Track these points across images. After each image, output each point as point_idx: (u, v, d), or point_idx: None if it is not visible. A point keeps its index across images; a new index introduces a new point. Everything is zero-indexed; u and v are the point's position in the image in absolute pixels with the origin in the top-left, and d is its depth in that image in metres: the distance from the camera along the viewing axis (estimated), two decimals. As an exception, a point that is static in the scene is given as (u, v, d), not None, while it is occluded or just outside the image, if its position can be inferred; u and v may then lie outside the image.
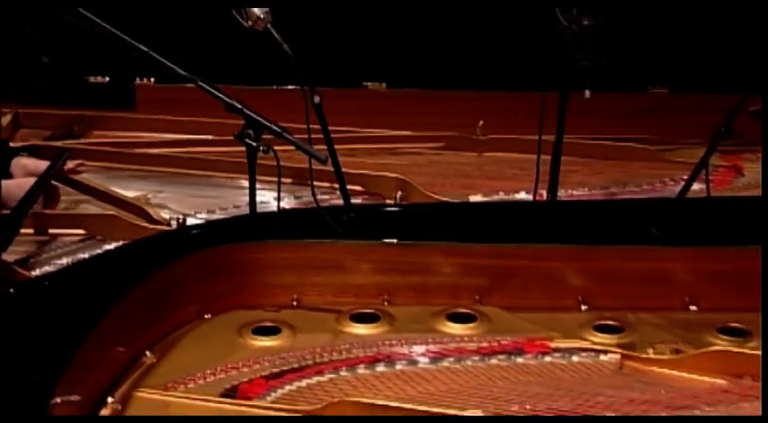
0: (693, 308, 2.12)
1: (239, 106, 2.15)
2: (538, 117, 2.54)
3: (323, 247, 2.16)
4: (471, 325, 2.07)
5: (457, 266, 2.16)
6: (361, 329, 2.05)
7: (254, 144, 2.15)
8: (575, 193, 2.68)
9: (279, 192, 2.23)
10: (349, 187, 2.60)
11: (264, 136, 2.21)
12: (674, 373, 1.92)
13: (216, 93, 2.18)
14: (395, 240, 2.16)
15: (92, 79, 3.00)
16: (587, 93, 2.20)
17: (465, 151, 2.92)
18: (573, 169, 2.80)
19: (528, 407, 1.79)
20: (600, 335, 2.05)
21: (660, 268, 2.16)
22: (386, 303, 2.14)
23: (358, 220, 2.27)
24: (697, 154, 2.78)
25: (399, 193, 2.64)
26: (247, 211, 2.24)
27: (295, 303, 2.14)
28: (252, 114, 2.17)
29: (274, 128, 2.16)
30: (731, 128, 2.34)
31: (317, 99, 2.30)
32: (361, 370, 1.91)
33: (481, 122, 2.94)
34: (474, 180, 2.77)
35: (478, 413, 1.76)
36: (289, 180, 2.63)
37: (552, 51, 2.32)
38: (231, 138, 2.24)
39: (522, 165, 2.74)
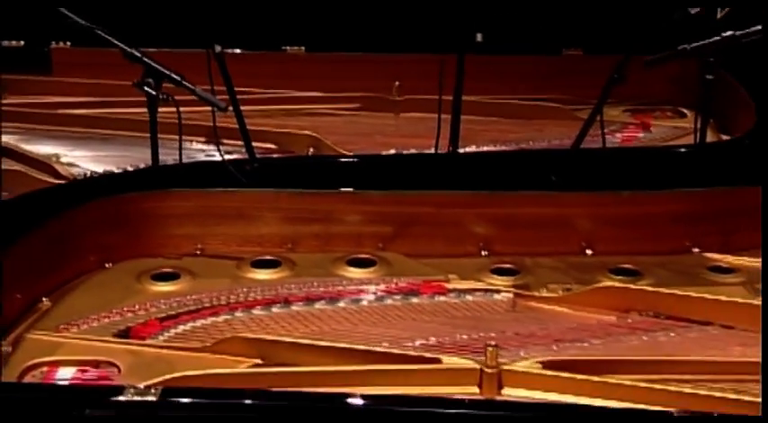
0: (589, 252, 2.16)
1: (138, 55, 2.18)
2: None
3: (225, 195, 2.18)
4: (371, 269, 2.11)
5: (360, 214, 2.19)
6: (261, 275, 2.08)
7: (154, 93, 2.21)
8: (485, 148, 2.72)
9: (180, 141, 2.25)
10: (262, 145, 2.68)
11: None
12: (565, 310, 1.96)
13: (115, 41, 2.21)
14: (298, 189, 2.23)
15: (6, 43, 2.99)
16: (479, 36, 2.24)
17: (382, 112, 2.94)
18: (486, 128, 2.85)
19: (419, 342, 1.80)
20: (496, 277, 2.09)
21: (558, 214, 2.20)
22: (290, 252, 2.18)
23: (262, 172, 2.33)
24: (609, 113, 2.86)
25: (311, 149, 2.68)
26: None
27: (198, 253, 2.16)
28: (151, 63, 2.21)
29: (174, 76, 2.20)
30: (624, 75, 2.39)
31: (217, 49, 2.33)
32: (256, 311, 1.94)
33: (397, 83, 2.99)
34: (389, 138, 2.79)
35: (379, 349, 1.78)
36: (202, 139, 2.65)
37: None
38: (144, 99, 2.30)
39: (431, 123, 2.77)
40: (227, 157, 2.42)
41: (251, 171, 2.27)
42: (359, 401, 1.52)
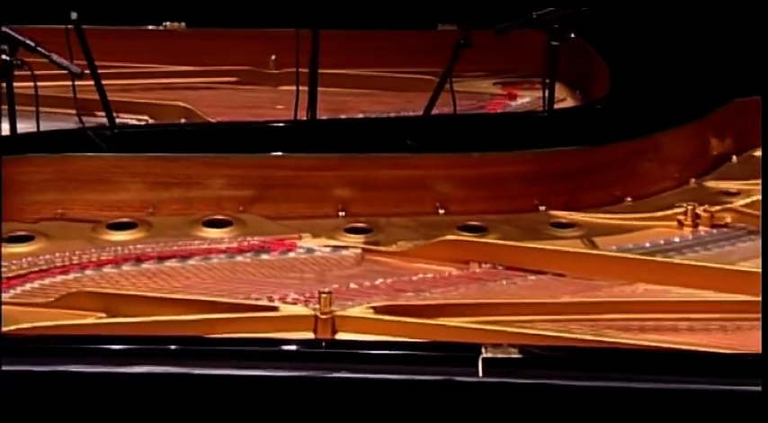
0: (442, 211, 2.24)
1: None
2: (330, 53, 2.75)
3: (85, 161, 2.20)
4: (226, 229, 2.15)
5: (220, 178, 2.23)
6: (116, 236, 2.11)
7: (8, 58, 2.23)
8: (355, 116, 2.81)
9: (37, 109, 2.27)
10: (136, 117, 2.74)
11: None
12: (409, 263, 2.02)
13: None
14: (157, 153, 2.29)
15: None
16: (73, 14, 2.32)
17: (259, 85, 3.01)
18: (360, 99, 2.93)
19: (265, 295, 1.84)
20: (349, 235, 2.15)
21: (413, 176, 2.27)
22: (150, 216, 2.21)
23: (123, 138, 2.36)
24: (480, 85, 3.05)
25: (183, 120, 2.75)
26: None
27: (57, 218, 2.16)
28: (5, 30, 2.23)
29: (28, 42, 2.23)
30: (470, 40, 2.49)
31: (73, 15, 2.36)
32: (107, 269, 1.97)
33: (273, 57, 3.08)
34: (265, 110, 2.85)
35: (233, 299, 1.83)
36: (72, 111, 2.70)
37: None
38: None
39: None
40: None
41: (111, 138, 2.32)
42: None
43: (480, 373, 1.51)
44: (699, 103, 2.57)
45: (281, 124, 2.53)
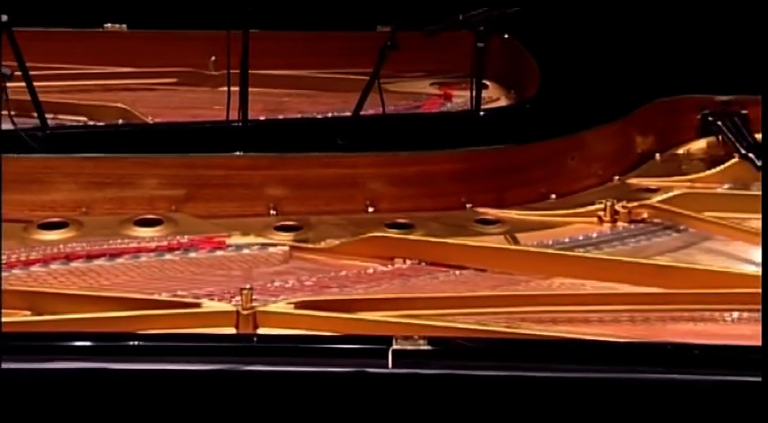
0: (372, 209, 2.29)
1: None
2: (271, 54, 2.89)
3: (16, 162, 2.20)
4: (156, 228, 2.19)
5: (153, 178, 2.27)
6: (47, 236, 2.14)
7: None
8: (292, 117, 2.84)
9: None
10: (74, 118, 2.75)
11: None
12: (335, 260, 2.07)
13: None
14: (90, 154, 2.32)
15: None
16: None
17: (198, 86, 3.03)
18: (298, 100, 2.94)
19: (192, 292, 1.88)
20: (278, 233, 2.20)
21: (343, 174, 2.32)
22: (83, 216, 2.24)
23: (56, 139, 2.39)
24: (417, 85, 3.10)
25: (120, 121, 2.77)
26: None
27: (-12, 219, 2.30)
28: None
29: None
30: (396, 42, 2.52)
31: (4, 17, 2.37)
32: (34, 268, 1.99)
33: (213, 58, 3.11)
34: (201, 111, 2.87)
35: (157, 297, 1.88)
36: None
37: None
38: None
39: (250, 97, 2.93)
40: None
41: (43, 138, 2.36)
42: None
43: (390, 365, 1.60)
44: (623, 103, 2.65)
45: (214, 125, 2.58)
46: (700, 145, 2.59)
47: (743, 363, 1.60)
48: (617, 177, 2.47)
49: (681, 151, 2.60)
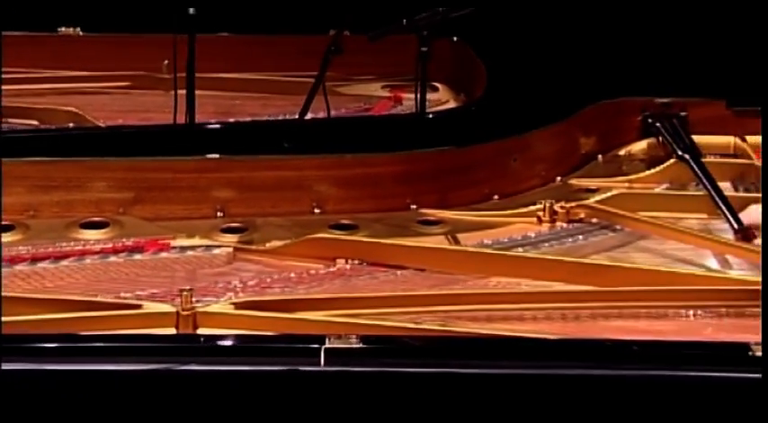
0: (318, 211, 2.33)
1: None
2: (224, 57, 2.97)
3: (-38, 166, 2.33)
4: (102, 231, 2.22)
5: (100, 181, 2.30)
6: (-10, 239, 2.25)
7: None
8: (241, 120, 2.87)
9: None
10: (25, 122, 2.76)
11: None
12: (278, 261, 2.10)
13: None
14: (37, 158, 2.33)
15: None
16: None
17: (152, 90, 3.06)
18: (251, 103, 2.98)
19: (136, 293, 1.91)
20: (224, 235, 2.23)
21: (290, 177, 2.34)
22: (31, 219, 2.26)
23: (5, 143, 2.39)
24: (368, 88, 3.16)
25: (71, 125, 2.80)
26: None
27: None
28: None
29: None
30: (340, 47, 2.57)
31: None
32: (-22, 271, 2.10)
33: (166, 62, 3.14)
34: (154, 114, 2.89)
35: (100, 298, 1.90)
36: None
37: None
38: None
39: (199, 99, 2.85)
40: None
41: (-9, 142, 2.39)
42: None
43: (323, 363, 1.64)
44: (567, 105, 2.70)
45: (161, 128, 2.61)
46: (641, 146, 2.65)
47: (682, 358, 1.62)
48: (559, 178, 2.53)
49: (623, 152, 2.65)
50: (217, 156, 2.35)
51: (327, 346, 1.63)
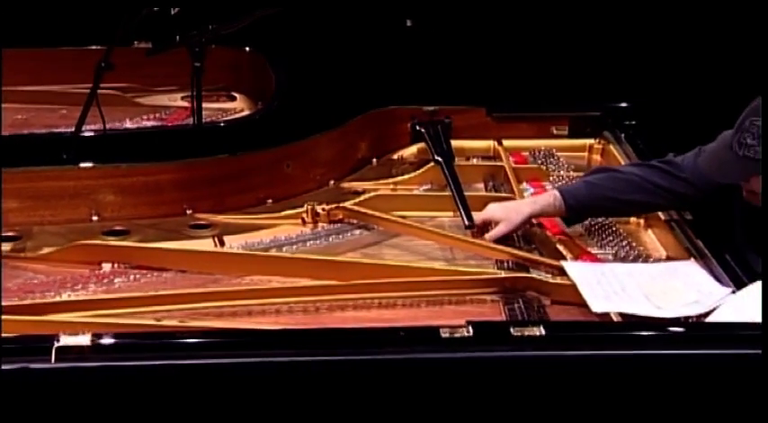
0: (96, 218, 2.44)
1: None
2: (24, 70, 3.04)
3: None
4: None
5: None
6: None
7: None
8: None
9: None
10: None
11: None
12: (51, 268, 2.19)
13: None
14: None
15: None
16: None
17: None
18: (49, 115, 3.04)
19: None
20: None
21: (69, 186, 2.44)
22: None
23: None
24: (168, 98, 3.23)
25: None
26: None
27: None
28: None
29: None
30: (111, 63, 2.61)
31: None
32: None
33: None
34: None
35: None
36: None
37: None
38: None
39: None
40: None
41: None
42: None
43: (53, 360, 1.74)
44: (346, 113, 2.87)
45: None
46: (411, 150, 2.86)
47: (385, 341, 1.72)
48: (332, 182, 2.70)
49: (395, 156, 2.86)
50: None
51: (58, 344, 1.75)
